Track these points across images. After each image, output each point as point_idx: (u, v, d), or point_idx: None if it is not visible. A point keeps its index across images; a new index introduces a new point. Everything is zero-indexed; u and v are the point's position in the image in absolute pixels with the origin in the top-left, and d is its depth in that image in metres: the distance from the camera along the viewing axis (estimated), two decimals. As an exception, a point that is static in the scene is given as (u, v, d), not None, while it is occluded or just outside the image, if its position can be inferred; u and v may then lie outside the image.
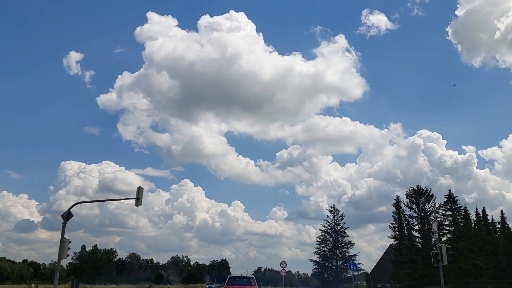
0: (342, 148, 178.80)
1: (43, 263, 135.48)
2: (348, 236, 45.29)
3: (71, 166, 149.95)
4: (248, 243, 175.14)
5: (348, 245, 44.93)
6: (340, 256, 44.43)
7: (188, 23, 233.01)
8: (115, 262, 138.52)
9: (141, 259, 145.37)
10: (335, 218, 46.13)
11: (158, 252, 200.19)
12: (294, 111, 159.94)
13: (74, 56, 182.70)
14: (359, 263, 44.23)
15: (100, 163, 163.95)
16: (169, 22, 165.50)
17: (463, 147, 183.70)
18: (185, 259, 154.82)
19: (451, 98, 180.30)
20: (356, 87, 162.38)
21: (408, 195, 46.79)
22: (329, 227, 45.93)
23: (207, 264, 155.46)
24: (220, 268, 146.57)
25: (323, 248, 45.19)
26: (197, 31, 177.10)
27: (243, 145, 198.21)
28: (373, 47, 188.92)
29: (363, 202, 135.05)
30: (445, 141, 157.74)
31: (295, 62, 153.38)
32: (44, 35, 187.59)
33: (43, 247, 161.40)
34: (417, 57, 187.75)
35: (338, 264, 44.36)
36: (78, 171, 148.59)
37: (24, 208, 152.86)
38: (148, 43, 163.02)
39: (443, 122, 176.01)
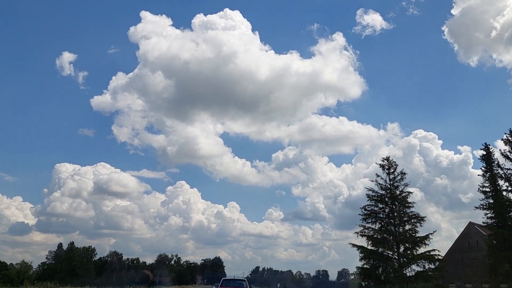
0: (339, 148, 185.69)
1: (10, 263, 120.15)
2: (414, 206, 27.58)
3: (66, 168, 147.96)
4: (244, 244, 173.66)
5: (415, 220, 27.22)
6: (403, 238, 26.63)
7: (182, 22, 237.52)
8: (95, 261, 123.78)
9: (123, 258, 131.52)
10: (391, 177, 28.49)
11: (153, 254, 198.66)
12: (291, 111, 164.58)
13: (67, 57, 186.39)
14: (434, 250, 26.47)
15: (94, 165, 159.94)
16: (163, 21, 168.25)
17: (459, 147, 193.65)
18: (174, 257, 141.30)
19: (447, 97, 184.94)
20: (353, 86, 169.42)
21: (508, 141, 29.41)
22: (383, 191, 28.19)
23: (199, 263, 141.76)
24: (213, 267, 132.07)
25: (372, 226, 27.53)
26: (191, 29, 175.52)
27: (239, 146, 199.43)
28: (369, 47, 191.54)
29: (360, 203, 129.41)
30: (440, 141, 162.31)
31: (292, 61, 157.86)
32: (36, 35, 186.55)
33: (37, 250, 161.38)
34: (413, 57, 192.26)
35: (400, 251, 26.56)
36: (72, 173, 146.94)
37: (18, 210, 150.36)
38: (142, 42, 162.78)
39: (438, 122, 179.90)
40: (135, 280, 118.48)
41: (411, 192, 27.83)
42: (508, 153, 29.36)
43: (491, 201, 29.03)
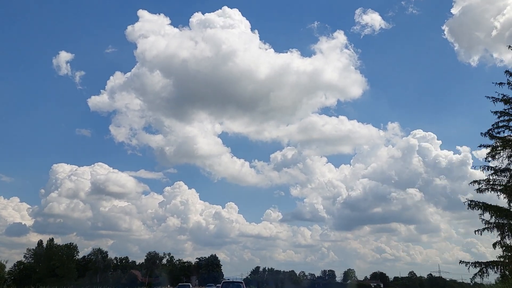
0: (339, 148, 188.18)
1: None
2: None
3: (63, 169, 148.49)
4: (242, 245, 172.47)
5: None
6: None
7: (180, 21, 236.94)
8: (78, 261, 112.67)
9: (108, 256, 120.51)
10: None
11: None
12: (291, 110, 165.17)
13: (64, 56, 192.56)
14: None
15: (92, 165, 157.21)
16: (161, 20, 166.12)
17: (458, 147, 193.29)
18: (167, 256, 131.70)
19: (447, 97, 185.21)
20: (353, 85, 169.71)
21: None
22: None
23: (193, 262, 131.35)
24: (208, 267, 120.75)
25: (501, 165, 14.46)
26: (189, 28, 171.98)
27: (238, 145, 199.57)
28: (368, 46, 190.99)
29: (359, 203, 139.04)
30: (440, 142, 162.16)
31: (292, 60, 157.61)
32: (33, 35, 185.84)
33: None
34: (413, 57, 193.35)
35: None
36: (69, 174, 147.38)
37: (15, 211, 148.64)
38: (140, 41, 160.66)
39: (438, 121, 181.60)
40: (121, 281, 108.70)
41: None
42: None
43: None
